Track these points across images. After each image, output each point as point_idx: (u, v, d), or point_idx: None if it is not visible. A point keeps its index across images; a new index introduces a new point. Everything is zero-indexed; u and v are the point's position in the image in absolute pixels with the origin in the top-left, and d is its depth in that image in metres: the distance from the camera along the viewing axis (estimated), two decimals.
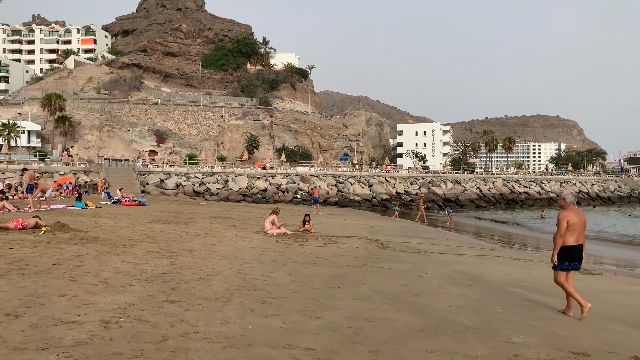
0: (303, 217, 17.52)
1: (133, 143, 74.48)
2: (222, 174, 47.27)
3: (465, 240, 20.26)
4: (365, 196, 48.28)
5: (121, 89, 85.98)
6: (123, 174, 42.61)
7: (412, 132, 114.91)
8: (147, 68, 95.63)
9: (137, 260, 9.01)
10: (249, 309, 6.19)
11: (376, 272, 9.84)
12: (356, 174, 53.43)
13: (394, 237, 18.32)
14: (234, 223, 18.79)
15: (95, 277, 7.32)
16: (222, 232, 15.04)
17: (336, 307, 6.73)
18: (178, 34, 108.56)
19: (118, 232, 13.26)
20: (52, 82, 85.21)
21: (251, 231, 15.98)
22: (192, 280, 7.61)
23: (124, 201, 27.61)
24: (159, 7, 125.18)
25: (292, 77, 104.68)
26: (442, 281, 9.45)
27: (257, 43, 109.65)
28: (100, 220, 16.10)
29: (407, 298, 7.71)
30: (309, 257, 11.20)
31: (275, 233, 15.11)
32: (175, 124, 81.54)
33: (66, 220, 14.92)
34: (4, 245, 9.23)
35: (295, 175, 49.80)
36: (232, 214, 23.84)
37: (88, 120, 73.62)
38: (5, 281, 6.54)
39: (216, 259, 9.96)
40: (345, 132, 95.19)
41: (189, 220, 18.45)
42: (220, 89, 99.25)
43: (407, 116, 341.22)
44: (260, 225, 18.05)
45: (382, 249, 14.07)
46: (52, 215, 17.09)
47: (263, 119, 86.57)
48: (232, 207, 31.74)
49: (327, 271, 9.51)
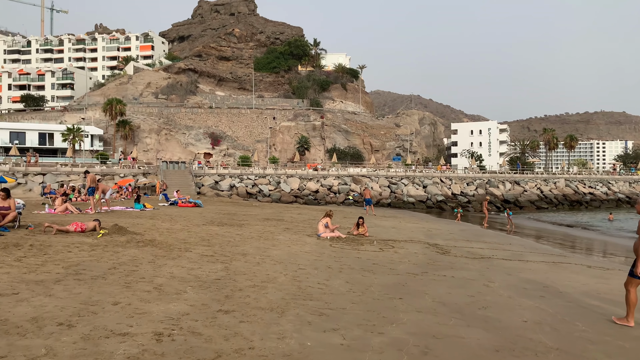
0: (356, 220, 17.04)
1: (189, 146, 76.54)
2: (274, 175, 47.51)
3: (530, 245, 19.10)
4: (420, 197, 47.11)
5: (178, 94, 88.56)
6: (179, 176, 43.67)
7: (467, 131, 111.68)
8: (202, 72, 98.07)
9: (192, 265, 8.86)
10: (306, 322, 5.81)
11: (439, 281, 9.23)
12: (410, 175, 52.28)
13: (453, 241, 17.50)
14: (286, 225, 18.58)
15: (150, 283, 7.17)
16: (276, 235, 14.82)
17: (399, 320, 6.23)
18: (231, 38, 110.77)
19: (174, 234, 13.30)
20: (113, 87, 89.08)
21: (304, 234, 15.68)
22: (246, 288, 7.33)
23: (181, 203, 28.12)
24: (213, 12, 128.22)
25: (343, 78, 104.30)
26: (512, 292, 8.73)
27: (308, 45, 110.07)
28: (157, 223, 16.29)
29: (476, 311, 7.09)
30: (365, 263, 10.73)
31: (329, 237, 14.72)
32: (229, 127, 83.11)
33: (124, 223, 15.17)
34: (63, 249, 9.34)
35: (347, 176, 49.31)
36: (284, 216, 23.70)
37: (147, 124, 76.31)
38: (62, 287, 6.48)
39: (270, 264, 9.68)
40: (397, 132, 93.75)
41: (242, 223, 18.41)
42: (272, 92, 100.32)
43: (461, 115, 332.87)
44: (313, 228, 17.72)
45: (442, 254, 13.38)
46: (111, 217, 17.50)
47: (314, 120, 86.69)
48: (284, 208, 31.69)
49: (386, 279, 9.00)
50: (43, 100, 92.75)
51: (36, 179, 37.37)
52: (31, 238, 10.35)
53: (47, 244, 9.73)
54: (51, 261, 8.13)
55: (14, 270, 7.23)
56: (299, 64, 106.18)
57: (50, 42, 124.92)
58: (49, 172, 38.69)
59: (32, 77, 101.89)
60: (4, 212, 11.03)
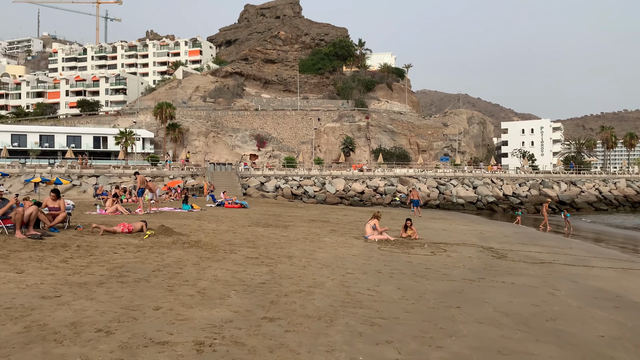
0: (404, 222, 16.39)
1: (236, 148, 77.65)
2: (319, 176, 47.26)
3: (593, 249, 17.84)
4: (470, 199, 45.59)
5: (225, 97, 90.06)
6: (226, 178, 44.16)
7: (519, 130, 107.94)
8: (248, 76, 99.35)
9: (236, 268, 8.58)
10: (356, 333, 5.35)
11: (498, 288, 8.54)
12: (459, 175, 50.76)
13: (508, 244, 16.55)
14: (332, 227, 18.16)
15: (193, 286, 6.91)
16: (322, 237, 14.43)
17: (459, 332, 5.67)
18: (277, 41, 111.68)
19: (219, 235, 13.15)
20: (163, 92, 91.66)
21: (351, 236, 15.21)
22: (292, 293, 6.95)
23: (227, 204, 28.27)
24: (259, 16, 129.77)
25: (389, 77, 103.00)
26: (581, 301, 7.94)
27: (353, 45, 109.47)
28: (203, 224, 16.26)
29: (544, 323, 6.41)
30: (416, 267, 10.14)
31: (377, 239, 14.19)
32: (274, 129, 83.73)
33: (171, 224, 15.20)
34: (109, 250, 9.29)
35: (393, 177, 48.41)
36: (330, 217, 23.31)
37: (195, 127, 77.98)
38: (104, 290, 6.31)
39: (316, 267, 9.27)
40: (445, 132, 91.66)
41: (287, 224, 18.14)
42: (317, 93, 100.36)
43: (511, 113, 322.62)
44: (360, 230, 17.23)
45: (498, 258, 12.58)
46: (159, 218, 17.64)
47: (359, 121, 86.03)
48: (329, 209, 31.33)
49: (440, 285, 8.40)
50: (97, 105, 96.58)
51: (90, 181, 38.72)
52: (79, 239, 10.40)
53: (94, 245, 9.72)
54: (96, 263, 8.05)
55: (59, 271, 7.15)
56: (344, 65, 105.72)
57: (104, 49, 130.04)
58: (102, 174, 40.00)
59: (87, 83, 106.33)
60: (54, 213, 11.18)
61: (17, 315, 5.07)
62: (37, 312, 5.20)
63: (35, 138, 70.24)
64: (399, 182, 47.12)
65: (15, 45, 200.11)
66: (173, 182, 38.54)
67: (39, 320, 4.96)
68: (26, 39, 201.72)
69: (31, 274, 6.84)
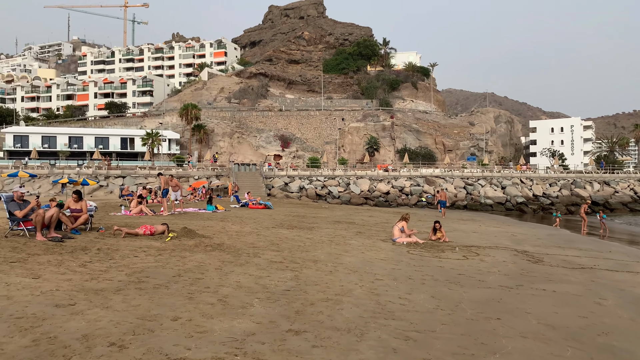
0: (433, 224, 15.79)
1: (260, 148, 77.77)
2: (343, 176, 46.75)
3: (634, 253, 16.89)
4: (498, 199, 44.41)
5: (249, 98, 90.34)
6: (250, 178, 44.07)
7: (548, 128, 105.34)
8: (272, 76, 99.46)
9: (260, 273, 8.20)
10: (390, 349, 4.88)
11: (539, 297, 7.94)
12: (487, 175, 49.55)
13: (543, 247, 15.79)
14: (358, 229, 17.67)
15: (214, 294, 6.55)
16: (348, 240, 13.96)
17: (502, 348, 5.15)
18: (301, 41, 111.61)
19: (243, 238, 12.82)
20: (188, 93, 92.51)
21: (378, 239, 14.70)
22: (318, 302, 6.52)
23: (251, 204, 28.06)
24: (283, 17, 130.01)
25: (414, 76, 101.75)
26: (632, 312, 7.30)
27: (377, 44, 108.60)
28: (227, 225, 15.98)
29: (595, 338, 5.83)
30: (449, 273, 9.60)
31: (406, 242, 13.64)
32: (298, 129, 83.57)
33: (195, 225, 14.96)
34: (129, 254, 9.03)
35: (419, 177, 47.55)
36: (355, 219, 22.82)
37: (220, 128, 78.40)
38: (121, 297, 5.99)
39: (344, 272, 8.82)
40: (472, 131, 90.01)
41: (312, 226, 17.73)
42: (341, 93, 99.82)
43: (538, 112, 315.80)
44: (387, 232, 16.71)
45: (534, 263, 11.91)
46: (182, 219, 17.45)
47: (383, 120, 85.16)
48: (354, 210, 30.81)
49: (477, 293, 7.85)
50: (125, 107, 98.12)
51: (116, 182, 39.10)
52: (100, 241, 10.19)
53: (115, 248, 9.48)
54: (115, 267, 7.76)
55: (77, 277, 6.88)
56: (368, 64, 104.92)
57: (132, 51, 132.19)
58: (128, 175, 40.34)
59: (115, 85, 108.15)
60: (76, 215, 11.02)
61: (27, 326, 4.77)
62: (49, 323, 4.89)
63: (64, 140, 71.65)
64: (425, 182, 46.26)
65: (47, 50, 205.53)
66: (198, 183, 38.62)
67: (49, 332, 4.64)
68: (57, 43, 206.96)
69: (47, 280, 6.58)
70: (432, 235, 15.17)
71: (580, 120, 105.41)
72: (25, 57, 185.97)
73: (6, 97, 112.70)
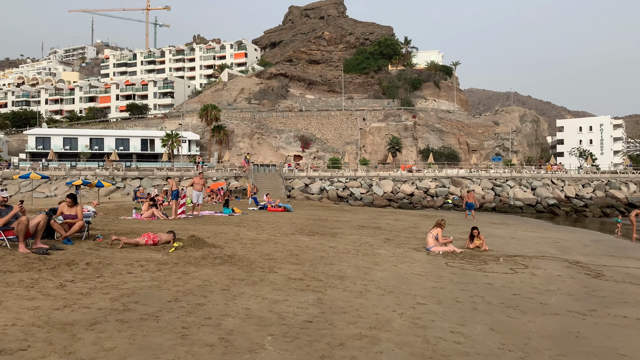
0: (470, 231, 14.15)
1: (280, 149, 76.63)
2: (365, 177, 45.14)
3: None
4: (528, 201, 42.24)
5: (269, 98, 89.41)
6: (270, 179, 42.84)
7: (576, 127, 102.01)
8: (292, 77, 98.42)
9: (275, 295, 6.78)
10: None
11: (623, 327, 6.33)
12: (516, 176, 47.36)
13: (594, 257, 14.03)
14: (386, 235, 16.14)
15: (216, 328, 5.14)
16: (376, 249, 12.45)
17: None
18: (321, 41, 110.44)
19: (258, 247, 11.43)
20: (209, 94, 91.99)
21: (409, 247, 13.15)
22: (349, 340, 5.05)
23: (270, 207, 26.80)
24: (303, 17, 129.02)
25: (436, 75, 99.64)
26: None
27: (399, 43, 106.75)
28: (242, 231, 14.64)
29: None
30: (502, 293, 8.03)
31: (442, 251, 12.09)
32: (318, 129, 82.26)
33: (207, 232, 13.65)
34: (123, 269, 7.69)
35: (445, 178, 45.64)
36: (380, 223, 21.27)
37: (240, 129, 77.53)
38: (93, 336, 4.60)
39: (377, 294, 7.34)
40: (496, 130, 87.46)
41: (335, 231, 16.27)
42: (362, 93, 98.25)
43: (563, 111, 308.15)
44: (418, 238, 15.16)
45: (594, 278, 10.24)
46: (195, 224, 16.18)
47: (405, 120, 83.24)
48: (378, 213, 29.21)
49: (545, 323, 6.29)
50: (146, 108, 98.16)
51: (134, 183, 38.22)
52: (93, 253, 8.88)
53: (107, 262, 8.16)
54: (101, 288, 6.42)
55: (46, 303, 5.53)
56: (389, 64, 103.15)
57: (153, 54, 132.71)
58: (146, 177, 39.46)
59: (136, 87, 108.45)
60: (70, 222, 9.76)
61: None
62: None
63: (85, 141, 71.66)
64: (450, 183, 44.33)
65: (71, 53, 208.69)
66: (216, 184, 37.49)
67: None
68: (80, 46, 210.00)
69: (7, 308, 5.26)
70: (469, 243, 13.56)
71: (610, 118, 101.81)
72: (50, 61, 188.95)
73: (31, 99, 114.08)
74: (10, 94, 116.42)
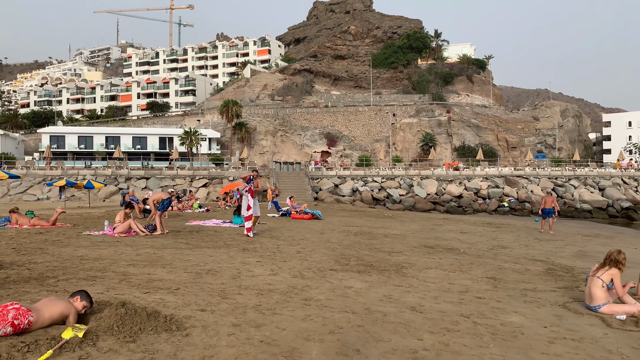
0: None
1: (305, 147, 71.52)
2: (405, 177, 39.34)
3: None
4: (597, 204, 35.89)
5: (293, 94, 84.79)
6: (294, 179, 37.62)
7: (625, 122, 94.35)
8: (317, 73, 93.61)
9: None
10: None
11: None
12: (580, 174, 40.93)
13: None
14: (481, 268, 10.46)
15: None
16: (497, 311, 6.96)
17: None
18: (347, 36, 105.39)
19: (269, 319, 6.09)
20: (231, 91, 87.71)
21: (550, 302, 7.57)
22: None
23: (294, 213, 21.65)
24: (328, 12, 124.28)
25: (469, 69, 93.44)
26: None
27: (428, 36, 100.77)
28: (247, 262, 9.36)
29: None
30: None
31: (625, 316, 6.49)
32: (345, 126, 77.06)
33: (189, 266, 8.40)
34: None
35: (498, 176, 39.48)
36: (446, 237, 15.66)
37: (263, 126, 72.79)
38: None
39: None
40: (537, 126, 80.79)
41: (397, 260, 10.74)
42: (390, 88, 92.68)
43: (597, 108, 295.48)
44: (537, 274, 9.58)
45: None
46: (183, 246, 10.98)
47: (439, 115, 77.21)
48: (429, 220, 23.41)
49: None
50: (167, 106, 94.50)
51: (139, 184, 33.42)
52: None
53: None
54: None
55: None
56: (419, 58, 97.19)
57: (176, 52, 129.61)
58: (153, 176, 34.69)
59: (157, 85, 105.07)
60: None
61: None
62: None
63: (101, 140, 67.89)
64: (504, 183, 38.20)
65: (96, 54, 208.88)
66: (232, 185, 32.20)
67: None
68: (105, 47, 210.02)
69: None
70: None
71: None
72: (75, 62, 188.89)
73: (52, 99, 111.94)
74: (33, 94, 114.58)
